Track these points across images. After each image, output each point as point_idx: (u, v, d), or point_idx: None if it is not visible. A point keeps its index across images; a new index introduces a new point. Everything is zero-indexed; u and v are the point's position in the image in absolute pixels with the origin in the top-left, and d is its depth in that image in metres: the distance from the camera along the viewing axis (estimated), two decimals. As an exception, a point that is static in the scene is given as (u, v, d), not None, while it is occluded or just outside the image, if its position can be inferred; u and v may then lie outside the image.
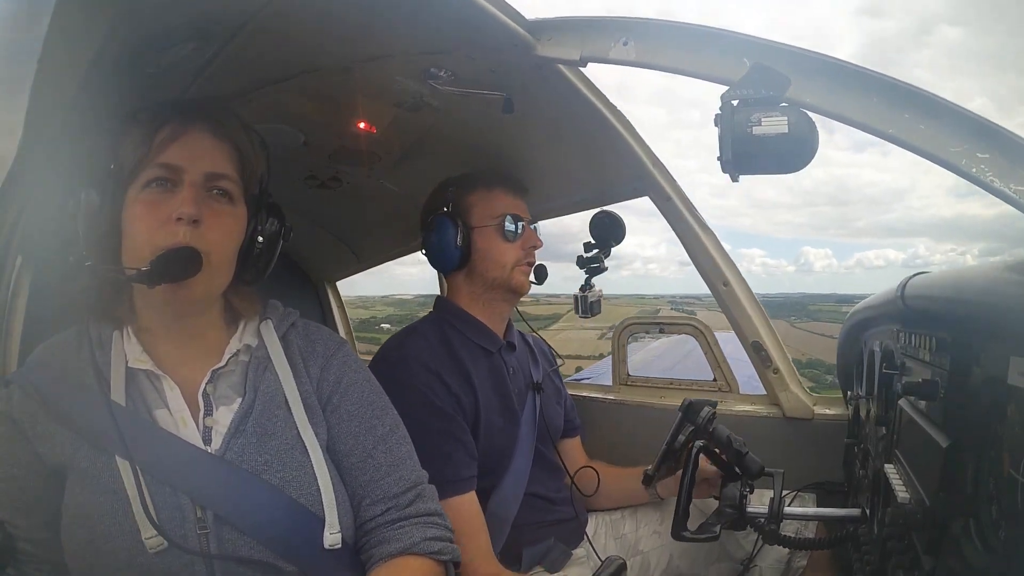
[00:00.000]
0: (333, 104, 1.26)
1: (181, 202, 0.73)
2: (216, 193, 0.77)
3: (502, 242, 1.29)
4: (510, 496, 1.23)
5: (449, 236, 1.27)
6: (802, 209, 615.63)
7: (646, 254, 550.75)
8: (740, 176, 0.77)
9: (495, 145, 1.42)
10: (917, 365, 0.78)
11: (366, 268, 2.65)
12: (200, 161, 0.76)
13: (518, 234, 1.31)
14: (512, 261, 1.30)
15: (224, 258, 0.78)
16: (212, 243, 0.75)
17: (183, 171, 0.75)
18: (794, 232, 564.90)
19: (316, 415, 0.82)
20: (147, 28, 0.88)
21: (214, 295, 0.81)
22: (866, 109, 0.72)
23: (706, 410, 1.13)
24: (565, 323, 15.24)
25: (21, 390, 0.75)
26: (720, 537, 1.07)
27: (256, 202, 0.83)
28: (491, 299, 1.33)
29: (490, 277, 1.30)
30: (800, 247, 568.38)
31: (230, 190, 0.78)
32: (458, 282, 1.34)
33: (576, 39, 0.97)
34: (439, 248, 1.29)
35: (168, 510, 0.71)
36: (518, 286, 1.32)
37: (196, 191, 0.75)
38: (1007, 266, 0.54)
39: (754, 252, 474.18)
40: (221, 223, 0.77)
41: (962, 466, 0.61)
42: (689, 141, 24.17)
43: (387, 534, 0.80)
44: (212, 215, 0.76)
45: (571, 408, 1.52)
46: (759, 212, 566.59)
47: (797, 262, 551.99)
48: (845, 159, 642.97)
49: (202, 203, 0.75)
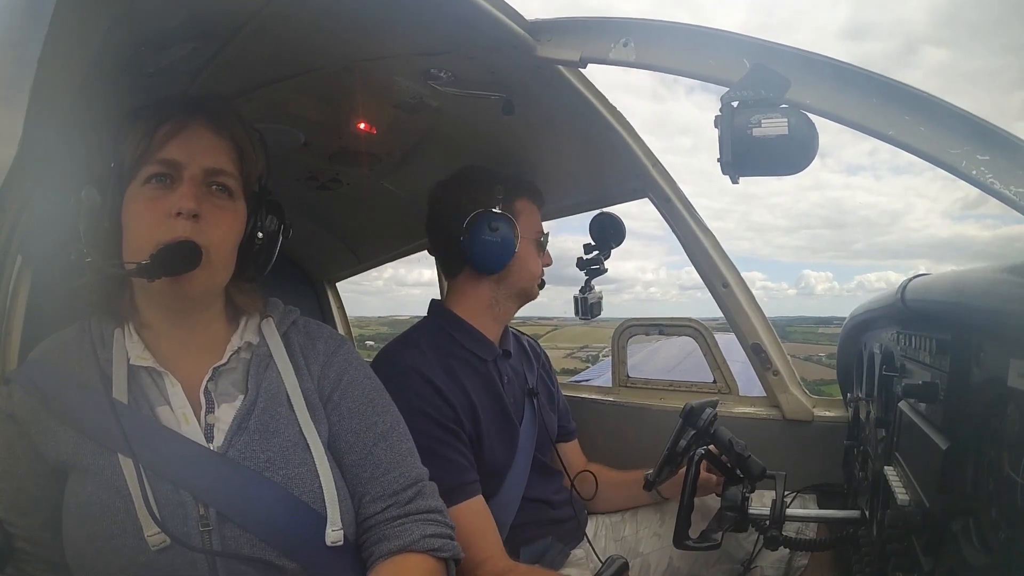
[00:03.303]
0: (333, 104, 1.26)
1: (181, 197, 0.73)
2: (216, 188, 0.77)
3: (537, 255, 1.32)
4: (508, 502, 1.22)
5: (510, 237, 1.22)
6: (799, 232, 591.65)
7: (646, 278, 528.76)
8: (740, 178, 0.77)
9: (495, 146, 1.42)
10: (917, 367, 0.78)
11: (366, 268, 2.65)
12: (199, 156, 0.76)
13: (545, 248, 1.35)
14: (540, 275, 1.34)
15: (224, 253, 0.78)
16: (212, 238, 0.75)
17: (182, 166, 0.75)
18: (793, 255, 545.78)
19: (318, 412, 0.82)
20: (147, 28, 0.88)
21: (214, 291, 0.81)
22: (866, 111, 0.72)
23: (707, 412, 1.13)
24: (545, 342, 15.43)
25: (22, 388, 0.75)
26: (721, 545, 1.06)
27: (256, 199, 0.83)
28: (508, 307, 1.33)
29: (520, 287, 1.31)
30: (800, 270, 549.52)
31: (230, 186, 0.79)
32: (480, 286, 1.28)
33: (576, 40, 0.97)
34: (494, 245, 1.21)
35: (170, 507, 0.71)
36: (534, 295, 1.36)
37: (195, 186, 0.75)
38: (1007, 268, 0.54)
39: (754, 275, 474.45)
40: (221, 218, 0.77)
41: (962, 468, 0.61)
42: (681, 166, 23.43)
43: (387, 531, 0.80)
44: (212, 210, 0.76)
45: (565, 412, 1.50)
46: (757, 235, 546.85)
47: (798, 285, 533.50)
48: (839, 181, 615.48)
49: (202, 198, 0.75)
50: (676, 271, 25.17)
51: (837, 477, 1.33)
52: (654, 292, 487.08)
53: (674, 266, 25.20)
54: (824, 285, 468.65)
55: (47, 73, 0.67)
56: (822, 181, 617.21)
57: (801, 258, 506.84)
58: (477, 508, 1.11)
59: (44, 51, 0.66)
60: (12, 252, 0.83)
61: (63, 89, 0.74)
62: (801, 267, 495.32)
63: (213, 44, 0.99)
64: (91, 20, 0.72)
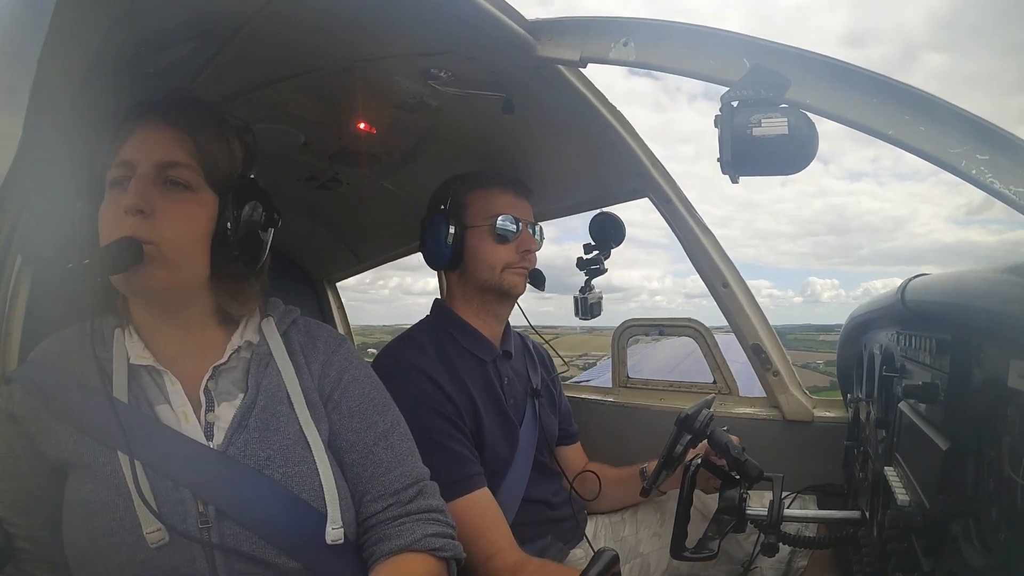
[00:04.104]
0: (333, 104, 1.26)
1: (127, 195, 0.72)
2: (171, 182, 0.75)
3: (493, 243, 1.27)
4: (508, 502, 1.22)
5: (441, 233, 1.26)
6: (804, 239, 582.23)
7: (652, 286, 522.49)
8: (740, 177, 0.77)
9: (495, 146, 1.42)
10: (917, 368, 0.77)
11: (366, 268, 2.65)
12: (151, 152, 0.74)
13: (515, 235, 1.28)
14: (502, 263, 1.27)
15: (180, 248, 0.75)
16: (163, 233, 0.73)
17: (135, 165, 0.74)
18: (798, 262, 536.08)
19: (318, 411, 0.82)
20: (147, 28, 0.88)
21: (181, 287, 0.78)
22: (866, 110, 0.72)
23: (704, 413, 1.13)
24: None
25: (22, 387, 0.75)
26: (718, 555, 1.06)
27: (228, 188, 0.78)
28: (484, 301, 1.30)
29: (480, 278, 1.28)
30: (806, 277, 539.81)
31: (185, 178, 0.75)
32: (452, 283, 1.34)
33: (576, 40, 0.97)
34: (431, 245, 1.29)
35: (170, 504, 0.71)
36: (511, 287, 1.29)
37: (144, 183, 0.73)
38: (1007, 268, 0.54)
39: (760, 283, 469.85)
40: (175, 212, 0.74)
41: (962, 468, 0.60)
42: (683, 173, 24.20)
43: (388, 530, 0.80)
44: (164, 204, 0.74)
45: (567, 415, 1.50)
46: (762, 243, 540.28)
47: (803, 293, 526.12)
48: (842, 188, 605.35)
49: (153, 194, 0.73)
50: (682, 279, 25.08)
51: (837, 478, 1.32)
52: (660, 300, 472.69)
53: (680, 274, 25.20)
54: (830, 292, 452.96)
55: (47, 73, 0.68)
56: (825, 187, 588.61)
57: (806, 264, 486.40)
58: (485, 499, 1.10)
59: (44, 51, 0.66)
60: (12, 252, 0.83)
61: (63, 89, 0.74)
62: (807, 274, 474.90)
63: (213, 44, 0.99)
64: (91, 20, 0.72)
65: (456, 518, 0.87)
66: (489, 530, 1.06)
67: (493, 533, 1.06)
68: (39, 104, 0.68)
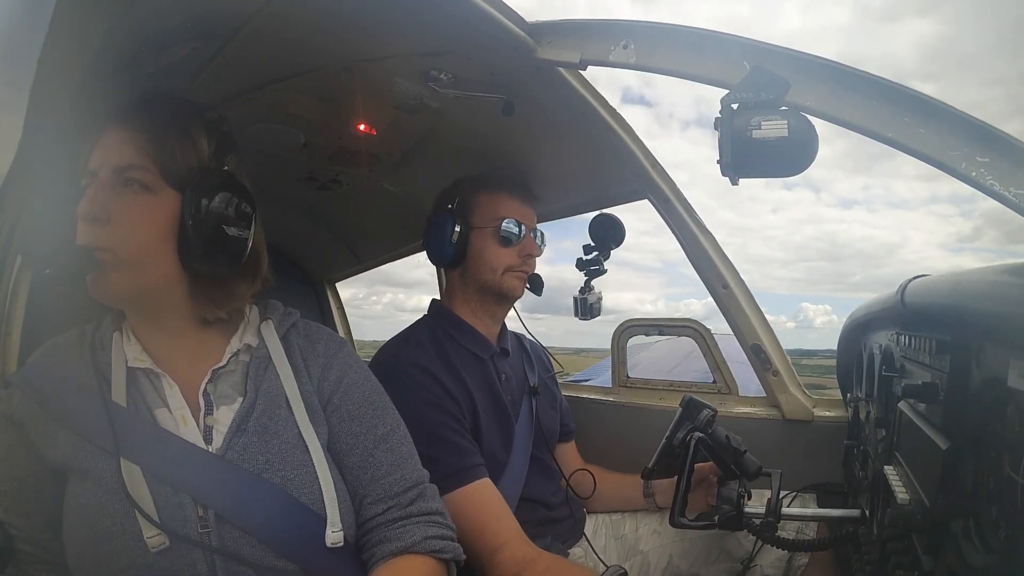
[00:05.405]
0: (333, 105, 1.26)
1: (81, 203, 0.72)
2: (128, 185, 0.74)
3: (497, 246, 1.29)
4: (507, 500, 1.22)
5: (446, 231, 1.28)
6: (797, 264, 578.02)
7: (645, 309, 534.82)
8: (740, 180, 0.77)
9: (495, 147, 1.42)
10: (917, 367, 0.78)
11: (366, 269, 2.65)
12: (109, 158, 0.74)
13: (519, 238, 1.30)
14: (504, 266, 1.29)
15: (139, 251, 0.73)
16: (118, 238, 0.72)
17: (97, 173, 0.74)
18: (791, 288, 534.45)
19: (317, 415, 0.82)
20: (146, 28, 0.88)
21: (150, 289, 0.76)
22: (866, 113, 0.72)
23: (706, 412, 1.14)
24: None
25: (21, 391, 0.75)
26: (718, 527, 1.06)
27: (190, 183, 0.75)
28: (483, 301, 1.32)
29: (481, 279, 1.30)
30: (798, 303, 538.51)
31: (142, 179, 0.74)
32: (453, 281, 1.35)
33: (576, 42, 0.97)
34: (435, 242, 1.30)
35: (169, 509, 0.71)
36: (509, 290, 1.31)
37: (101, 188, 0.73)
38: (1007, 269, 0.54)
39: None
40: (130, 215, 0.73)
41: (962, 468, 0.61)
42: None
43: (388, 533, 0.80)
44: (121, 208, 0.73)
45: (566, 413, 1.52)
46: (755, 268, 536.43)
47: (796, 318, 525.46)
48: (834, 215, 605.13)
49: (111, 199, 0.73)
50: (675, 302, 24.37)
51: (837, 477, 1.33)
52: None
53: (673, 298, 24.97)
54: (823, 318, 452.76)
55: (47, 73, 0.67)
56: (816, 215, 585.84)
57: (799, 290, 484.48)
58: (487, 490, 1.09)
59: (44, 51, 0.66)
60: (12, 252, 0.83)
61: (63, 89, 0.74)
62: (799, 300, 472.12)
63: (213, 44, 0.99)
64: (91, 20, 0.72)
65: (458, 509, 0.87)
66: (494, 521, 1.04)
67: (499, 524, 1.04)
68: (39, 104, 0.68)
